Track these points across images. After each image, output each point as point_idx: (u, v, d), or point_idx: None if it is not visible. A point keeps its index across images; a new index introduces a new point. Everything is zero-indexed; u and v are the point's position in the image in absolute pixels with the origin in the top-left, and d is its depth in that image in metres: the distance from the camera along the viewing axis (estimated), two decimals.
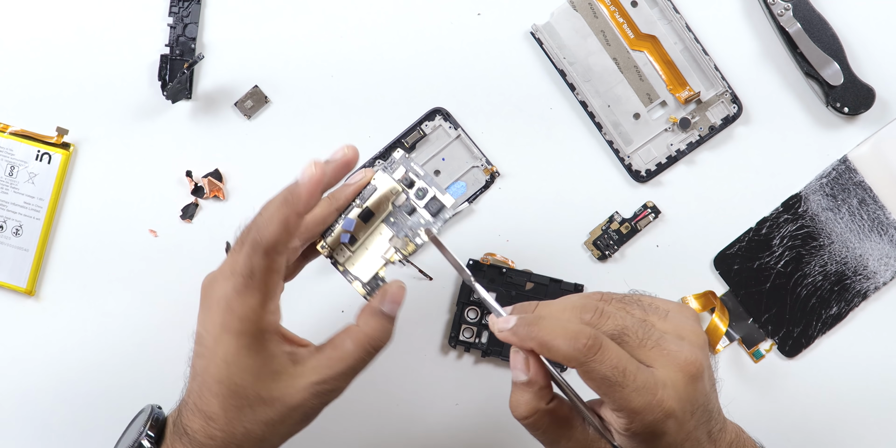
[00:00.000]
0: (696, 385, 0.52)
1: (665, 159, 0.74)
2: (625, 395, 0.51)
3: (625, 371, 0.51)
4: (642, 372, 0.51)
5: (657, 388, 0.51)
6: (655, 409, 0.51)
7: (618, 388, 0.51)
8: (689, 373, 0.52)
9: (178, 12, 0.74)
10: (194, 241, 0.75)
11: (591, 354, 0.51)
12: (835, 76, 0.73)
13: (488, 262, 0.74)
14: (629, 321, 0.53)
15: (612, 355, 0.51)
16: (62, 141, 0.74)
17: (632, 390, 0.51)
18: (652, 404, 0.51)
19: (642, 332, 0.52)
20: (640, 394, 0.51)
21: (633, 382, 0.51)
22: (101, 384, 0.75)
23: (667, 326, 0.54)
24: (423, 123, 0.74)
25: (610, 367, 0.51)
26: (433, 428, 0.75)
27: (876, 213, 0.74)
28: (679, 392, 0.52)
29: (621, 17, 0.74)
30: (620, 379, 0.50)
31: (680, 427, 0.52)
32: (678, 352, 0.52)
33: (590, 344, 0.51)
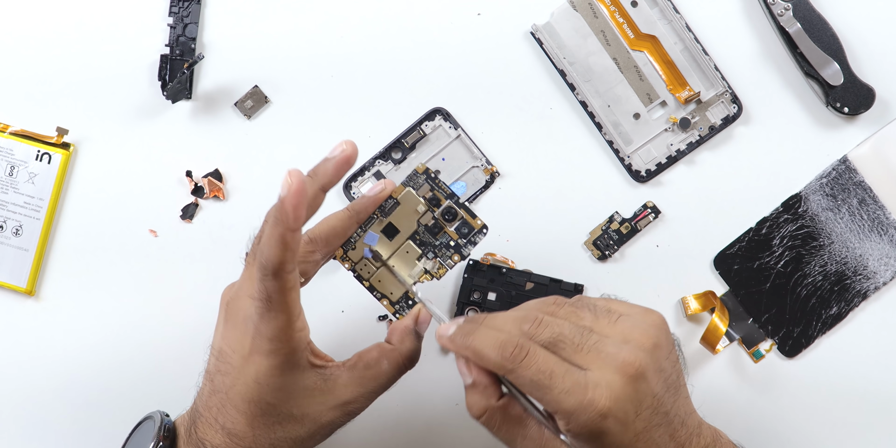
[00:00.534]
0: (637, 385, 0.52)
1: (665, 159, 0.74)
2: (554, 397, 0.51)
3: (552, 374, 0.52)
4: (571, 374, 0.52)
5: (587, 388, 0.52)
6: (588, 408, 0.51)
7: (546, 390, 0.52)
8: (627, 373, 0.52)
9: (178, 12, 0.74)
10: (194, 241, 0.75)
11: (517, 361, 0.52)
12: (835, 76, 0.73)
13: (488, 262, 0.74)
14: (567, 329, 0.54)
15: (539, 360, 0.52)
16: (62, 141, 0.74)
17: (560, 392, 0.51)
18: (583, 404, 0.51)
19: (579, 338, 0.53)
20: (569, 395, 0.51)
21: (561, 384, 0.52)
22: (101, 384, 0.75)
23: (612, 331, 0.54)
24: (423, 123, 0.74)
25: (536, 371, 0.52)
26: (433, 428, 0.75)
27: (876, 213, 0.74)
28: (615, 392, 0.52)
29: (621, 17, 0.74)
30: (547, 382, 0.52)
31: (624, 427, 0.52)
32: (616, 354, 0.53)
33: (516, 352, 0.52)
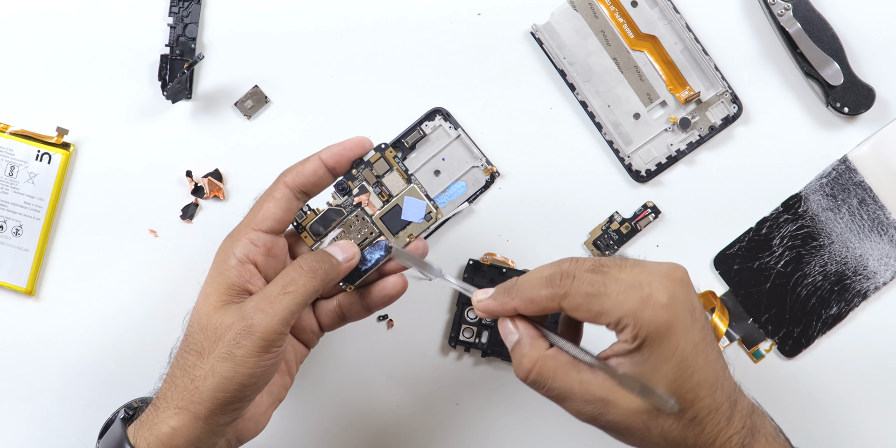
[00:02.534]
0: (686, 289, 0.53)
1: (665, 159, 0.74)
2: (614, 301, 0.51)
3: (604, 282, 0.52)
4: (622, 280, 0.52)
5: (643, 286, 0.51)
6: (649, 302, 0.51)
7: (604, 298, 0.51)
8: (675, 277, 0.53)
9: (178, 12, 0.74)
10: (194, 241, 0.75)
11: (567, 284, 0.52)
12: (835, 76, 0.73)
13: (488, 262, 0.74)
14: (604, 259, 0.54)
15: (590, 276, 0.52)
16: (62, 141, 0.74)
17: (618, 293, 0.51)
18: (644, 298, 0.51)
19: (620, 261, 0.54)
20: (627, 294, 0.51)
21: (616, 286, 0.52)
22: (101, 384, 0.75)
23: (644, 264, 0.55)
24: (423, 123, 0.74)
25: (588, 283, 0.52)
26: (433, 428, 0.75)
27: (876, 213, 0.74)
28: (669, 290, 0.52)
29: (621, 17, 0.74)
30: (603, 289, 0.52)
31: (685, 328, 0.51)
32: (657, 266, 0.53)
33: (564, 278, 0.53)
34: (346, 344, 0.75)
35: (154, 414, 0.57)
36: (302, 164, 0.59)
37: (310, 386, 0.75)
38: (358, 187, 0.60)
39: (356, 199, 0.60)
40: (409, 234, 0.60)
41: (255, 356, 0.55)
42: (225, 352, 0.55)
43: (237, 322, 0.56)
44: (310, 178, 0.59)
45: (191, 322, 0.58)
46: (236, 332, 0.55)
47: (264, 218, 0.59)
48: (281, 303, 0.56)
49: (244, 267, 0.58)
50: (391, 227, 0.60)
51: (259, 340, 0.55)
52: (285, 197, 0.59)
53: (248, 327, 0.55)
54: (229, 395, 0.55)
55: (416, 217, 0.60)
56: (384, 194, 0.60)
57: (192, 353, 0.57)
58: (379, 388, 0.75)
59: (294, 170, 0.59)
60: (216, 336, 0.56)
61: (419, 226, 0.60)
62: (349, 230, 0.60)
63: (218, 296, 0.57)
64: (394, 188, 0.60)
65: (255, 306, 0.56)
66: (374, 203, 0.60)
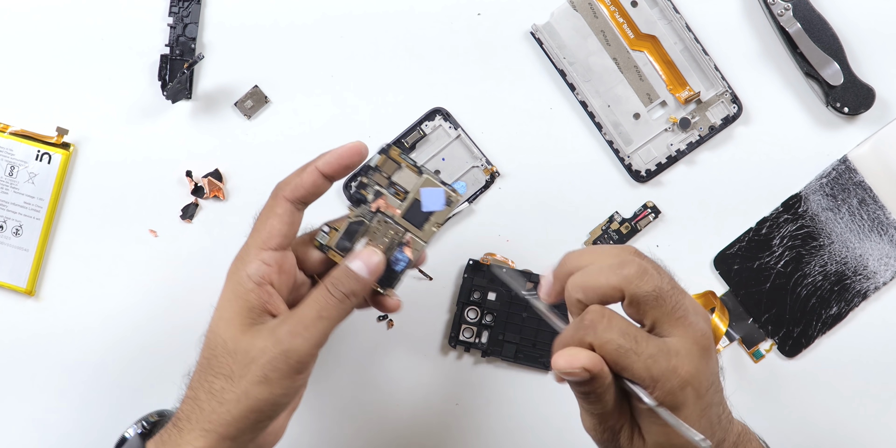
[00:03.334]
0: (709, 359, 0.53)
1: (665, 159, 0.74)
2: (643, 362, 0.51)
3: (636, 338, 0.51)
4: (653, 339, 0.52)
5: (671, 355, 0.51)
6: (672, 375, 0.51)
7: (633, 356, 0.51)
8: (703, 345, 0.52)
9: (178, 12, 0.74)
10: (194, 241, 0.75)
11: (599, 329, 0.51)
12: (835, 76, 0.73)
13: (488, 262, 0.74)
14: (667, 285, 0.53)
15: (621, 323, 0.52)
16: (62, 141, 0.74)
17: (647, 356, 0.51)
18: (668, 370, 0.51)
19: (676, 299, 0.53)
20: (655, 360, 0.51)
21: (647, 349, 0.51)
22: (101, 384, 0.75)
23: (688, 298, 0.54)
24: (423, 123, 0.74)
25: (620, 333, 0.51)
26: (433, 428, 0.75)
27: (876, 213, 0.74)
28: (694, 362, 0.52)
29: (621, 17, 0.74)
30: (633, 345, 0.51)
31: (697, 399, 0.52)
32: (696, 324, 0.53)
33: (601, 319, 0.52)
34: (347, 344, 0.75)
35: (177, 435, 0.57)
36: (299, 177, 0.59)
37: (310, 386, 0.75)
38: (372, 193, 0.59)
39: (373, 206, 0.59)
40: (434, 224, 0.60)
41: (290, 378, 0.56)
42: (260, 375, 0.56)
43: (271, 346, 0.56)
44: (309, 190, 0.59)
45: (212, 345, 0.58)
46: (272, 357, 0.56)
47: (271, 236, 0.58)
48: (317, 327, 0.57)
49: (262, 289, 0.58)
50: (415, 222, 0.60)
51: (296, 364, 0.56)
52: (288, 211, 0.59)
53: (284, 352, 0.56)
54: (262, 415, 0.56)
55: (438, 205, 0.59)
56: (400, 193, 0.59)
57: (219, 377, 0.57)
58: (379, 388, 0.75)
59: (292, 183, 0.59)
60: (247, 360, 0.56)
61: (442, 213, 0.59)
62: (375, 237, 0.60)
63: (240, 320, 0.57)
64: (408, 184, 0.59)
65: (290, 331, 0.56)
66: (392, 204, 0.59)
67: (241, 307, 0.57)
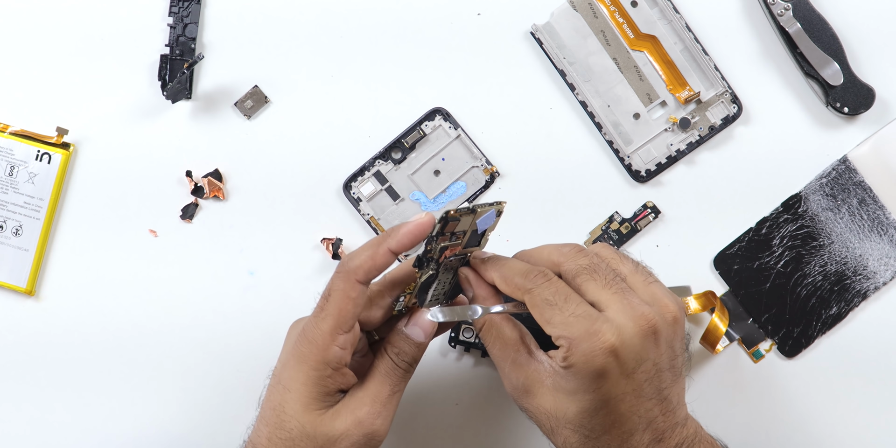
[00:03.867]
0: (645, 341, 0.53)
1: (665, 159, 0.74)
2: (564, 319, 0.52)
3: (567, 297, 0.53)
4: (585, 305, 0.53)
5: (598, 320, 0.52)
6: (593, 338, 0.51)
7: (557, 310, 0.52)
8: (640, 326, 0.52)
9: (178, 12, 0.74)
10: (194, 241, 0.75)
11: (537, 282, 0.53)
12: (835, 76, 0.73)
13: None
14: (604, 266, 0.54)
15: (559, 285, 0.53)
16: (62, 141, 0.74)
17: (570, 314, 0.52)
18: (590, 332, 0.51)
19: (611, 277, 0.54)
20: (578, 319, 0.52)
21: (574, 308, 0.52)
22: (100, 384, 0.75)
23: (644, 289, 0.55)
24: (423, 123, 0.74)
25: (553, 292, 0.53)
26: (433, 428, 0.75)
27: (876, 213, 0.74)
28: (623, 336, 0.52)
29: (621, 17, 0.74)
30: (561, 302, 0.53)
31: (621, 374, 0.52)
32: (638, 306, 0.53)
33: (539, 276, 0.54)
34: None
35: None
36: (372, 260, 0.56)
37: None
38: (437, 251, 0.57)
39: (441, 258, 0.58)
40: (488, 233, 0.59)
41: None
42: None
43: (353, 429, 0.56)
44: (381, 270, 0.57)
45: (287, 428, 0.57)
46: (356, 439, 0.56)
47: (346, 321, 0.56)
48: (392, 403, 0.58)
49: (339, 372, 0.57)
50: (473, 244, 0.59)
51: (376, 443, 0.57)
52: (361, 293, 0.57)
53: (368, 435, 0.56)
54: None
55: (490, 222, 0.59)
56: (459, 236, 0.58)
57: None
58: None
59: (365, 267, 0.56)
60: (329, 443, 0.56)
61: (494, 223, 0.59)
62: (443, 276, 0.59)
63: (318, 404, 0.57)
64: (465, 226, 0.57)
65: (370, 411, 0.57)
66: (455, 246, 0.58)
67: (319, 392, 0.57)
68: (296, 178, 0.75)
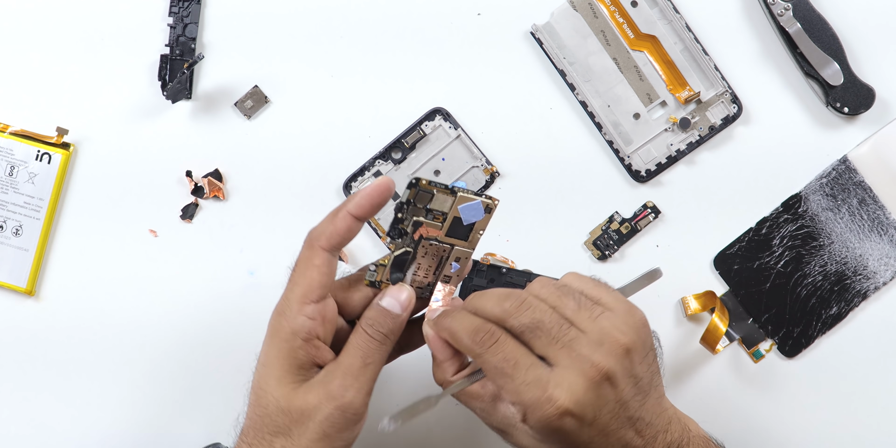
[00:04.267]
0: (600, 390, 0.53)
1: (665, 159, 0.74)
2: (515, 387, 0.53)
3: (516, 364, 0.53)
4: (536, 368, 0.53)
5: (549, 385, 0.52)
6: (545, 404, 0.52)
7: (507, 379, 0.53)
8: (592, 378, 0.53)
9: (178, 12, 0.74)
10: (194, 241, 0.75)
11: (485, 346, 0.54)
12: (835, 76, 0.73)
13: (488, 262, 0.74)
14: (547, 316, 0.54)
15: (507, 348, 0.53)
16: (62, 141, 0.74)
17: (521, 382, 0.53)
18: (541, 400, 0.52)
19: (556, 330, 0.54)
20: (529, 387, 0.52)
21: (524, 376, 0.53)
22: (100, 384, 0.75)
23: (592, 327, 0.54)
24: (423, 123, 0.74)
25: (501, 358, 0.53)
26: (433, 428, 0.75)
27: (876, 213, 0.74)
28: (576, 394, 0.52)
29: (621, 17, 0.74)
30: (510, 370, 0.53)
31: (580, 427, 0.53)
32: (588, 356, 0.53)
33: (486, 338, 0.54)
34: None
35: None
36: (332, 224, 0.57)
37: None
38: (411, 225, 0.58)
39: (416, 235, 0.59)
40: (478, 231, 0.59)
41: (348, 430, 0.57)
42: (319, 432, 0.56)
43: (325, 402, 0.56)
44: (344, 236, 0.57)
45: (263, 403, 0.57)
46: (328, 412, 0.56)
47: (312, 289, 0.57)
48: (365, 375, 0.57)
49: (311, 344, 0.57)
50: (459, 236, 0.59)
51: (352, 416, 0.56)
52: (325, 261, 0.57)
53: (339, 407, 0.56)
54: None
55: (477, 216, 0.59)
56: (438, 217, 0.59)
57: (278, 436, 0.57)
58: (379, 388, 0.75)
59: (327, 232, 0.57)
60: (303, 417, 0.56)
61: (484, 220, 0.59)
62: (423, 260, 0.60)
63: (291, 378, 0.57)
64: (444, 207, 0.58)
65: (341, 384, 0.56)
66: (433, 228, 0.59)
67: (291, 365, 0.57)
68: (296, 178, 0.75)
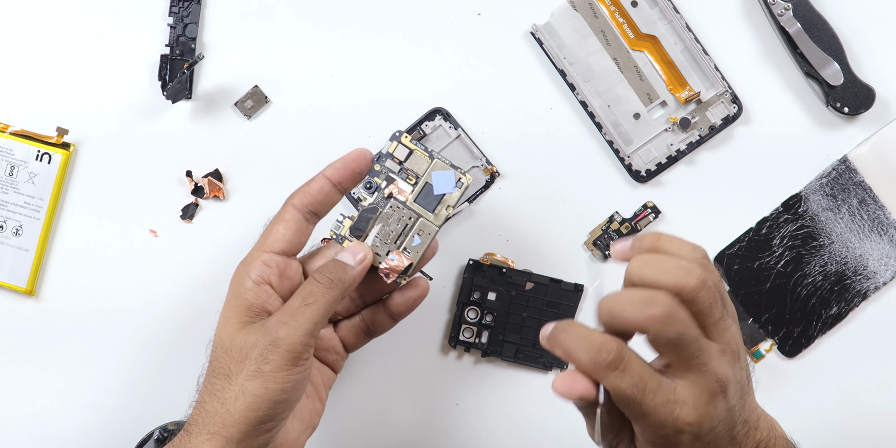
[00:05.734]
0: (718, 402, 0.51)
1: (665, 159, 0.74)
2: (642, 411, 0.50)
3: (644, 389, 0.50)
4: (664, 389, 0.50)
5: (675, 405, 0.50)
6: (669, 426, 0.50)
7: (636, 405, 0.50)
8: (713, 391, 0.51)
9: (178, 12, 0.74)
10: (194, 241, 0.75)
11: (610, 371, 0.49)
12: (835, 76, 0.73)
13: (488, 262, 0.74)
14: (691, 332, 0.50)
15: (634, 372, 0.49)
16: (62, 141, 0.74)
17: (650, 408, 0.50)
18: (667, 421, 0.50)
19: (695, 348, 0.50)
20: (657, 411, 0.50)
21: (652, 401, 0.50)
22: (100, 384, 0.75)
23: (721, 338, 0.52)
24: (423, 123, 0.74)
25: (630, 384, 0.49)
26: (433, 428, 0.75)
27: (876, 213, 0.74)
28: (699, 411, 0.51)
29: (621, 17, 0.74)
30: (639, 397, 0.49)
31: (695, 439, 0.51)
32: (714, 370, 0.51)
33: (610, 359, 0.49)
34: None
35: (186, 440, 0.57)
36: (307, 184, 0.60)
37: None
38: (385, 179, 0.60)
39: (386, 191, 0.60)
40: (446, 207, 0.60)
41: (283, 370, 0.55)
42: (253, 369, 0.55)
43: (261, 338, 0.56)
44: (317, 197, 0.59)
45: (214, 347, 0.58)
46: (262, 348, 0.55)
47: (275, 240, 0.59)
48: (303, 314, 0.56)
49: (260, 288, 0.58)
50: (427, 206, 0.60)
51: (286, 353, 0.55)
52: (294, 218, 0.59)
53: (273, 342, 0.55)
54: (262, 414, 0.55)
55: (448, 188, 0.60)
56: (412, 178, 0.60)
57: (219, 377, 0.57)
58: (379, 388, 0.75)
59: (300, 190, 0.60)
60: (242, 356, 0.56)
61: (453, 195, 0.60)
62: (388, 223, 0.60)
63: (238, 318, 0.57)
64: (419, 169, 0.60)
65: (277, 320, 0.56)
66: (404, 189, 0.60)
67: (240, 306, 0.58)
68: (296, 179, 0.74)
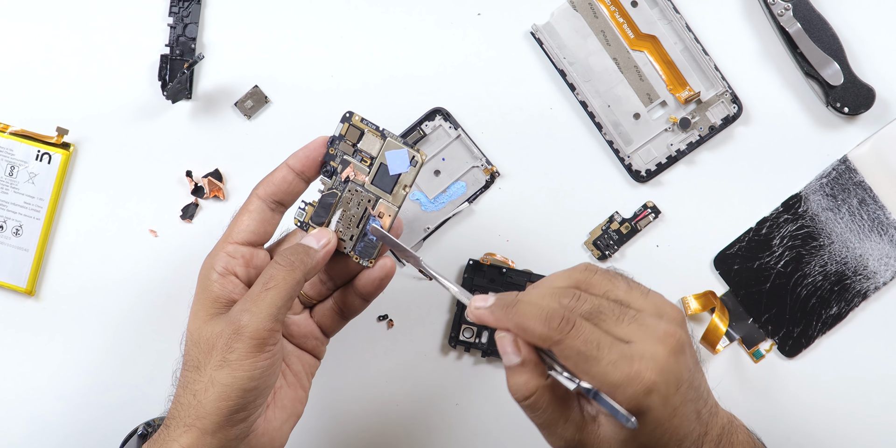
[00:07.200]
0: (678, 358, 0.53)
1: (665, 159, 0.74)
2: (602, 369, 0.51)
3: (598, 345, 0.52)
4: (617, 345, 0.52)
5: (633, 360, 0.51)
6: (635, 380, 0.51)
7: (593, 362, 0.51)
8: (669, 345, 0.52)
9: (178, 12, 0.74)
10: (194, 241, 0.75)
11: (564, 332, 0.52)
12: (835, 76, 0.73)
13: (488, 262, 0.74)
14: (605, 302, 0.54)
15: (586, 331, 0.52)
16: (62, 141, 0.74)
17: (607, 363, 0.51)
18: (630, 376, 0.51)
19: (619, 310, 0.53)
20: (616, 366, 0.51)
21: (608, 355, 0.51)
22: (101, 384, 0.75)
23: (646, 303, 0.54)
24: (423, 123, 0.74)
25: (583, 341, 0.52)
26: (433, 428, 0.75)
27: (876, 213, 0.74)
28: (659, 364, 0.52)
29: (621, 17, 0.74)
30: (595, 353, 0.51)
31: (665, 401, 0.52)
32: (656, 326, 0.53)
33: (563, 323, 0.52)
34: (347, 344, 0.75)
35: (165, 434, 0.57)
36: (271, 174, 0.60)
37: None
38: (340, 163, 0.60)
39: (343, 175, 0.60)
40: (403, 186, 0.60)
41: (249, 357, 0.55)
42: (219, 359, 0.55)
43: (226, 328, 0.56)
44: (280, 186, 0.59)
45: (185, 341, 0.58)
46: (227, 338, 0.55)
47: (239, 231, 0.59)
48: (264, 300, 0.56)
49: (226, 279, 0.58)
50: (384, 188, 0.60)
51: (250, 340, 0.55)
52: (258, 209, 0.59)
53: (236, 330, 0.55)
54: (232, 403, 0.55)
55: (403, 167, 0.60)
56: (366, 159, 0.60)
57: (190, 370, 0.57)
58: (379, 388, 0.75)
59: (264, 180, 0.60)
60: (209, 347, 0.56)
61: (409, 174, 0.60)
62: (348, 207, 0.60)
63: (205, 310, 0.58)
64: (373, 149, 0.60)
65: (240, 308, 0.56)
66: (360, 172, 0.60)
67: (206, 298, 0.58)
68: None
